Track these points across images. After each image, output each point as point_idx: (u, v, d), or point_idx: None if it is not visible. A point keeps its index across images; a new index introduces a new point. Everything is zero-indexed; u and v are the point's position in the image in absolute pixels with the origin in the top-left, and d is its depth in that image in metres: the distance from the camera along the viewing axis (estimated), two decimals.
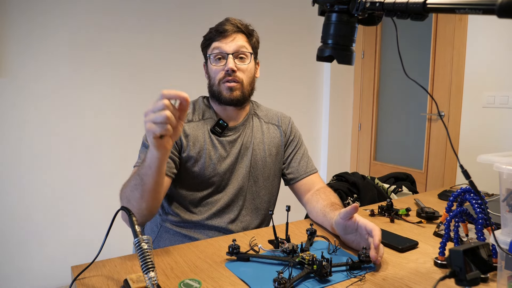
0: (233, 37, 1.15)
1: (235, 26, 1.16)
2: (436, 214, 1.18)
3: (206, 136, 1.17)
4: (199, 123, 1.19)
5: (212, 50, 1.16)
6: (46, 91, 2.19)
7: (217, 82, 1.15)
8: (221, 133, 1.17)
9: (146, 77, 2.47)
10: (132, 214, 0.73)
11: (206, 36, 1.19)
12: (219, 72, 1.15)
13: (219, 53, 1.15)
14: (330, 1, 0.70)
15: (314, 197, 1.20)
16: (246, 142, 1.22)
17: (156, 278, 0.66)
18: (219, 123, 1.17)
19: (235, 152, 1.19)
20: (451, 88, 2.54)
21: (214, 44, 1.15)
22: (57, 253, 2.28)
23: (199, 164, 1.15)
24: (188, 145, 1.14)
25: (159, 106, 0.78)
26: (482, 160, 0.81)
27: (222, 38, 1.14)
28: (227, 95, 1.14)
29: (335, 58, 0.73)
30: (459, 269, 0.57)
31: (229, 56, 1.13)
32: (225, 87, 1.14)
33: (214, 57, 1.15)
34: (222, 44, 1.14)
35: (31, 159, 2.19)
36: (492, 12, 0.51)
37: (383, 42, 3.11)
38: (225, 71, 1.13)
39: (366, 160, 3.30)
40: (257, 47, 1.24)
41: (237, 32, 1.16)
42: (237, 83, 1.14)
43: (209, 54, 1.17)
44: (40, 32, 2.14)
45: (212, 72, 1.17)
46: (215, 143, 1.17)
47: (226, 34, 1.14)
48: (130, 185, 0.96)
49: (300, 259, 0.83)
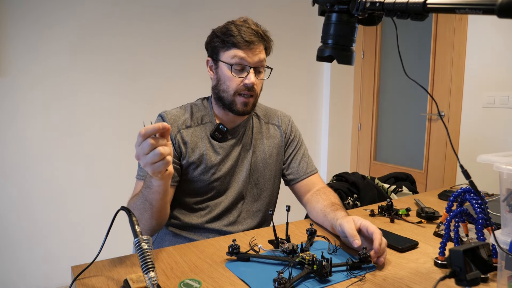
0: (258, 49, 1.10)
1: (260, 36, 1.10)
2: (436, 214, 1.18)
3: (206, 141, 1.16)
4: (197, 128, 1.16)
5: (233, 57, 1.08)
6: (46, 91, 2.19)
7: (233, 92, 1.10)
8: (221, 138, 1.14)
9: (147, 79, 2.47)
10: (132, 214, 0.73)
11: (223, 37, 1.09)
12: (237, 83, 1.10)
13: (241, 63, 1.08)
14: (330, 1, 0.70)
15: (314, 197, 1.19)
16: (246, 144, 1.21)
17: (156, 278, 0.66)
18: (219, 128, 1.14)
19: (235, 155, 1.18)
20: (451, 88, 2.54)
21: (236, 51, 1.08)
22: (57, 253, 2.28)
23: (199, 169, 1.14)
24: (188, 152, 1.13)
25: (147, 146, 0.79)
26: (482, 160, 0.81)
27: (247, 49, 1.08)
28: (241, 108, 1.11)
29: (335, 58, 0.73)
30: (459, 269, 0.57)
31: (251, 70, 1.09)
32: (240, 101, 1.11)
33: (235, 66, 1.09)
34: (246, 55, 1.08)
35: (31, 159, 2.19)
36: (492, 12, 0.51)
37: (383, 42, 3.11)
38: (244, 84, 1.09)
39: (366, 160, 3.30)
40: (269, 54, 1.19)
41: (261, 42, 1.11)
42: (252, 97, 1.12)
43: (229, 61, 1.09)
44: (40, 32, 2.14)
45: (227, 79, 1.10)
46: (215, 148, 1.16)
47: (252, 45, 1.08)
48: (138, 208, 0.96)
49: (300, 259, 0.83)
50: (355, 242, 0.87)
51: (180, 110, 1.18)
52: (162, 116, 1.15)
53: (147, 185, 0.93)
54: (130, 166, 1.16)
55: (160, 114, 1.17)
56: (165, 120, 1.14)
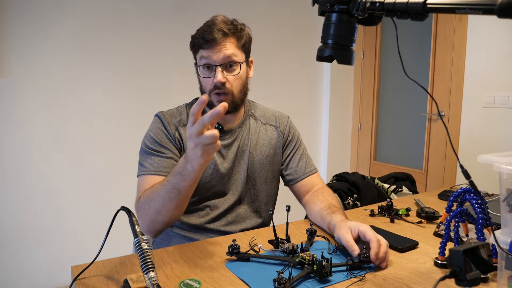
0: (221, 45, 1.07)
1: (222, 32, 1.07)
2: (436, 214, 1.18)
3: None
4: None
5: (200, 59, 1.10)
6: (46, 91, 2.19)
7: (208, 93, 1.11)
8: None
9: (147, 78, 2.47)
10: (132, 214, 0.74)
11: (192, 41, 1.12)
12: (210, 83, 1.10)
13: (207, 63, 1.09)
14: (330, 1, 0.70)
15: (312, 198, 1.19)
16: (242, 145, 1.20)
17: (156, 278, 0.66)
18: (215, 126, 1.14)
19: (232, 156, 1.18)
20: (451, 88, 2.54)
21: (201, 52, 1.09)
22: (57, 253, 2.28)
23: None
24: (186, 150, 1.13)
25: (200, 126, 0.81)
26: (482, 160, 0.81)
27: (210, 48, 1.07)
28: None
29: (335, 58, 0.73)
30: (459, 269, 0.57)
31: (217, 68, 1.07)
32: (215, 99, 1.10)
33: (203, 67, 1.10)
34: (209, 53, 1.07)
35: (31, 159, 2.19)
36: (492, 12, 0.51)
37: (383, 42, 3.11)
38: (214, 83, 1.08)
39: (366, 160, 3.30)
40: (248, 46, 1.16)
41: (225, 37, 1.08)
42: (227, 95, 1.10)
43: (198, 63, 1.11)
44: (40, 32, 2.14)
45: (202, 81, 1.13)
46: None
47: (214, 43, 1.06)
48: (162, 197, 0.95)
49: (300, 259, 0.83)
50: (354, 253, 0.86)
51: (176, 111, 1.20)
52: (159, 116, 1.16)
53: (178, 172, 0.92)
54: (130, 165, 1.16)
55: (157, 114, 1.17)
56: (162, 120, 1.15)
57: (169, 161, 1.10)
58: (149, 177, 1.08)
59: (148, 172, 1.08)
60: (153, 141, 1.12)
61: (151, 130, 1.15)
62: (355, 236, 0.91)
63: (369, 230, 0.88)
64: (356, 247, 0.87)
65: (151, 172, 1.08)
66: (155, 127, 1.15)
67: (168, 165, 1.09)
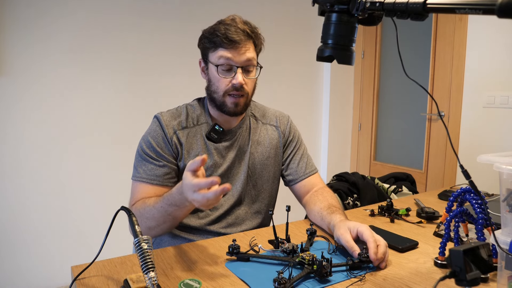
0: (245, 47, 1.07)
1: (246, 34, 1.06)
2: (436, 214, 1.18)
3: (201, 143, 1.15)
4: (193, 129, 1.15)
5: (219, 58, 1.07)
6: (46, 91, 2.19)
7: (222, 93, 1.09)
8: (216, 139, 1.13)
9: (148, 77, 2.47)
10: (132, 214, 0.73)
11: (210, 37, 1.08)
12: (226, 84, 1.08)
13: (228, 63, 1.07)
14: (330, 1, 0.70)
15: (312, 198, 1.19)
16: (242, 145, 1.20)
17: (156, 278, 0.66)
18: (215, 128, 1.13)
19: (231, 157, 1.17)
20: (451, 88, 2.54)
21: (221, 52, 1.06)
22: (57, 253, 2.28)
23: None
24: (183, 154, 1.12)
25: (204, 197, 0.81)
26: (482, 160, 0.81)
27: (232, 49, 1.05)
28: (232, 109, 1.10)
29: (335, 58, 0.73)
30: (459, 269, 0.57)
31: (238, 69, 1.07)
32: (230, 101, 1.09)
33: (222, 67, 1.07)
34: (231, 55, 1.05)
35: (31, 158, 2.19)
36: (492, 12, 0.51)
37: (383, 42, 3.11)
38: (232, 84, 1.07)
39: (366, 160, 3.30)
40: (260, 50, 1.16)
41: (248, 40, 1.07)
42: (243, 97, 1.10)
43: (216, 62, 1.08)
44: (41, 32, 2.14)
45: (216, 80, 1.10)
46: (210, 149, 1.15)
47: (238, 45, 1.05)
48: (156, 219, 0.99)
49: (300, 259, 0.83)
50: (354, 253, 0.87)
51: (176, 112, 1.18)
52: (157, 118, 1.14)
53: (173, 203, 0.93)
54: (130, 165, 1.16)
55: (156, 116, 1.15)
56: (161, 122, 1.13)
57: (163, 169, 1.10)
58: (142, 185, 1.09)
59: (140, 180, 1.09)
60: (150, 146, 1.11)
61: (149, 133, 1.14)
62: (354, 236, 0.91)
63: (367, 231, 0.88)
64: (356, 247, 0.87)
65: (143, 179, 1.09)
66: (153, 130, 1.13)
67: (161, 173, 1.10)
